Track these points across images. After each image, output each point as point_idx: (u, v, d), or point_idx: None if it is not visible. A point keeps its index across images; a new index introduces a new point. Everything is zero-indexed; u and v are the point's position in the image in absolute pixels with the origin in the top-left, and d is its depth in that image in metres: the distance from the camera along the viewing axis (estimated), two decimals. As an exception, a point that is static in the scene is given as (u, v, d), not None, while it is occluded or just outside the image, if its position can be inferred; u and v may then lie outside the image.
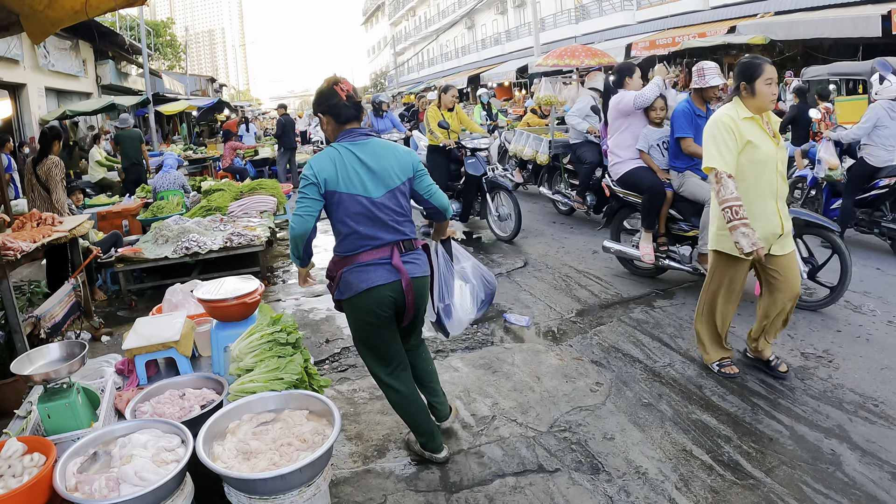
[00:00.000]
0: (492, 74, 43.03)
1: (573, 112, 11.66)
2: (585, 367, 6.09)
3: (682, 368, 5.99)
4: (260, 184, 12.52)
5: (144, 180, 15.68)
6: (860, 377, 5.69)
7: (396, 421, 5.21)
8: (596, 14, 38.73)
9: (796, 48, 23.20)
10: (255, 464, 3.59)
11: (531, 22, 37.56)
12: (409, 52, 79.53)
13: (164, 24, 57.47)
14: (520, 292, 8.46)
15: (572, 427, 5.03)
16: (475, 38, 60.28)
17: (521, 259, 9.95)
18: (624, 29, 34.59)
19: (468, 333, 7.10)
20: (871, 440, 4.70)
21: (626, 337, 6.77)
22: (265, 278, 9.38)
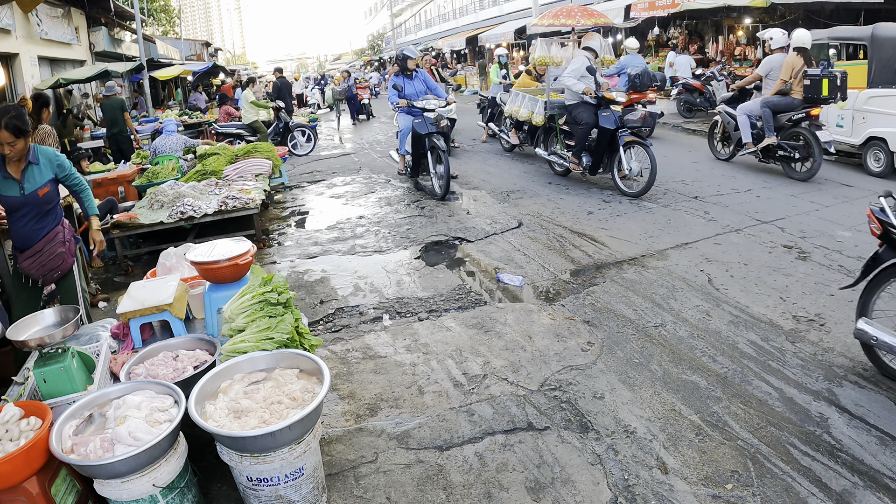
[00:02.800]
0: (489, 35, 42.72)
1: (568, 73, 11.59)
2: (577, 327, 6.13)
3: (673, 329, 6.02)
4: (255, 147, 12.49)
5: (130, 149, 15.65)
6: (851, 342, 5.68)
7: (389, 380, 5.30)
8: None
9: (797, 11, 23.00)
10: (246, 422, 3.63)
11: (531, -18, 37.24)
12: (406, 14, 78.90)
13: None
14: (514, 252, 8.48)
15: (562, 386, 5.07)
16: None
17: (515, 220, 9.95)
18: None
19: (461, 293, 7.15)
20: (859, 404, 4.75)
21: (619, 297, 6.80)
22: (260, 241, 9.42)
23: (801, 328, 6.00)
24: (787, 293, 6.78)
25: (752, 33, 24.52)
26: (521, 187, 12.06)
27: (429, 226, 9.91)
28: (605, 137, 11.18)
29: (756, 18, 24.01)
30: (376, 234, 9.62)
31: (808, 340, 5.75)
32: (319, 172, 15.47)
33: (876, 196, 5.07)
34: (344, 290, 7.44)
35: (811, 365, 5.34)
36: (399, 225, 10.05)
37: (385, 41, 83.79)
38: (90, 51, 24.87)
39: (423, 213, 10.67)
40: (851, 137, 12.94)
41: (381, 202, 11.78)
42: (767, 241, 8.40)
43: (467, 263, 8.26)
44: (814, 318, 6.19)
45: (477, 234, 9.30)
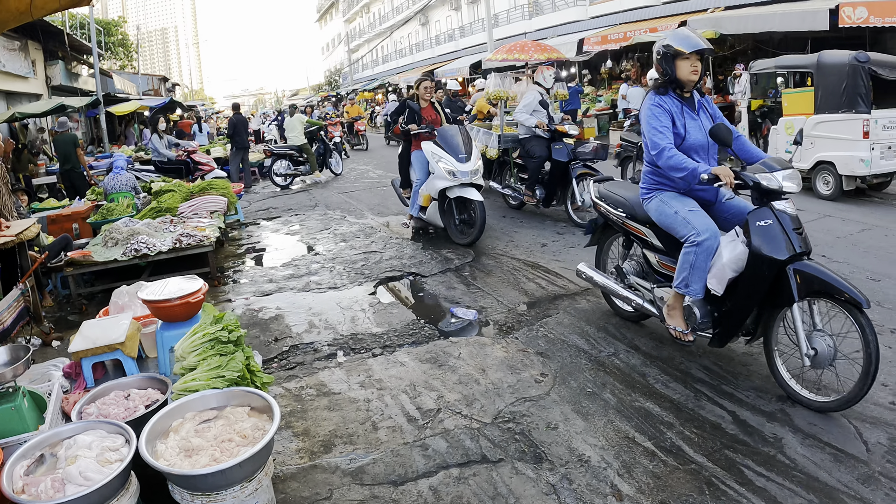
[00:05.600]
0: (445, 71, 42.89)
1: (521, 107, 11.81)
2: (531, 359, 6.17)
3: (626, 358, 6.08)
4: (210, 184, 12.47)
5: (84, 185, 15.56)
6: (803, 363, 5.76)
7: (343, 417, 5.28)
8: (549, 10, 38.77)
9: (746, 42, 23.45)
10: (196, 460, 3.63)
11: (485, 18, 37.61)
12: (363, 49, 79.24)
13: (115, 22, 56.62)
14: (468, 286, 8.54)
15: (516, 418, 5.08)
16: (429, 34, 60.03)
17: (469, 253, 10.02)
18: (576, 24, 34.61)
19: (415, 328, 7.16)
20: (812, 423, 4.81)
21: (572, 328, 6.85)
22: (215, 278, 9.37)
23: (754, 350, 6.07)
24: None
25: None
26: (484, 220, 12.12)
27: (383, 261, 9.94)
28: (559, 170, 11.38)
29: (706, 50, 24.16)
30: (331, 271, 9.63)
31: (760, 363, 5.81)
32: (275, 209, 15.45)
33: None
34: (298, 328, 7.42)
35: (764, 387, 5.41)
36: (354, 261, 10.06)
37: (342, 76, 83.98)
38: (47, 85, 24.80)
39: (377, 249, 10.68)
40: (801, 162, 13.16)
41: (337, 238, 11.78)
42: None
43: (421, 298, 8.30)
44: (764, 344, 6.27)
45: (431, 269, 9.36)
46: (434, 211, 10.92)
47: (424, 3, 53.71)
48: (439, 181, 10.39)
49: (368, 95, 56.47)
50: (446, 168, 10.23)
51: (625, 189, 6.58)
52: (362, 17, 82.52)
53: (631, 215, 6.27)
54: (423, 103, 11.33)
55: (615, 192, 6.57)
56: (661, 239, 5.97)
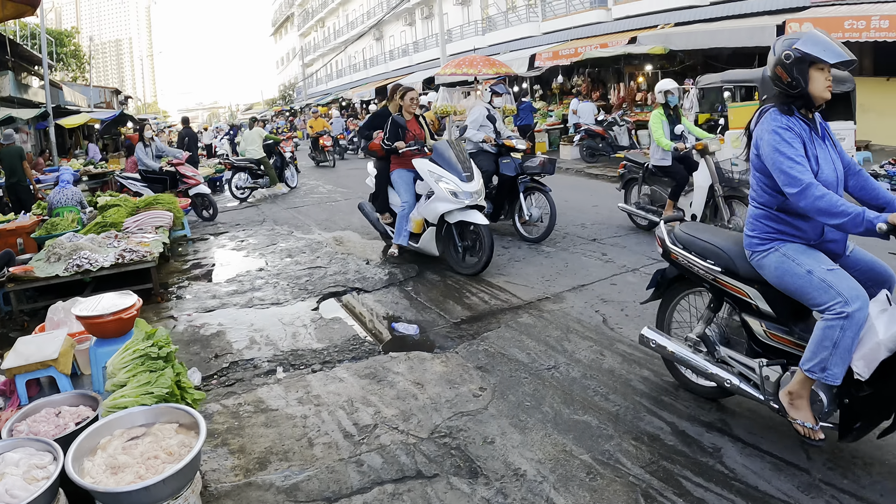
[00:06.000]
0: (398, 86, 42.94)
1: (468, 122, 11.82)
2: (470, 373, 6.15)
3: (566, 371, 6.08)
4: (157, 198, 12.34)
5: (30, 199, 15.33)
6: None
7: (280, 433, 5.22)
8: (502, 25, 39.27)
9: (696, 58, 23.76)
10: (122, 478, 3.60)
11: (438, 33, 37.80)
12: (317, 64, 79.15)
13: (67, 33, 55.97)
14: (410, 301, 8.53)
15: (453, 433, 5.06)
16: (383, 49, 60.37)
17: (414, 268, 10.01)
18: (529, 40, 35.12)
19: (356, 343, 7.13)
20: (752, 432, 4.85)
21: (513, 342, 6.85)
22: (158, 294, 9.25)
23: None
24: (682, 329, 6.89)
25: (653, 80, 25.08)
26: (423, 235, 12.08)
27: (327, 277, 9.87)
28: (506, 184, 11.31)
29: (657, 65, 24.58)
30: (275, 287, 9.55)
31: (702, 375, 5.86)
32: (223, 224, 15.34)
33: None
34: (239, 344, 7.34)
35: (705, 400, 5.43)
36: (298, 277, 10.00)
37: (296, 91, 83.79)
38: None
39: (322, 265, 10.62)
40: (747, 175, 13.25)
41: (283, 254, 11.70)
42: (664, 280, 8.61)
43: (364, 314, 8.25)
44: (710, 353, 6.32)
45: (375, 284, 9.32)
46: (430, 238, 9.85)
47: (379, 18, 53.74)
48: (441, 204, 9.38)
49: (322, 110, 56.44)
50: (448, 188, 9.24)
51: (715, 235, 5.18)
52: (317, 32, 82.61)
53: (728, 270, 4.91)
54: (407, 116, 10.43)
55: (702, 237, 5.17)
56: (772, 303, 4.70)
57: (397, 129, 10.14)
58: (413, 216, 10.13)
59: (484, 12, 42.76)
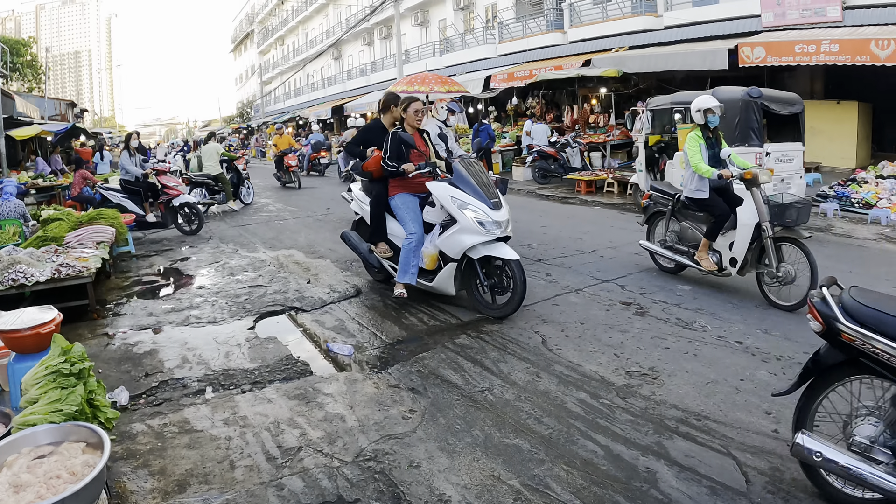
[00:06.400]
0: (355, 105, 43.12)
1: None
2: (401, 395, 6.03)
3: (500, 392, 5.98)
4: (100, 213, 12.11)
5: None
6: (684, 392, 5.85)
7: (202, 455, 5.07)
8: (459, 47, 39.59)
9: (650, 81, 23.99)
10: (23, 497, 3.49)
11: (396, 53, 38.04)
12: (276, 82, 79.01)
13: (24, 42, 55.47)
14: (348, 321, 8.40)
15: (378, 456, 4.93)
16: (342, 68, 60.57)
17: (354, 288, 9.89)
18: (486, 62, 35.44)
19: (288, 364, 6.98)
20: (690, 455, 4.78)
21: (448, 363, 6.75)
22: (94, 311, 9.03)
23: (634, 383, 6.10)
24: (622, 349, 6.94)
25: (607, 102, 25.28)
26: (364, 255, 11.96)
27: (267, 296, 9.71)
28: None
29: (610, 88, 24.76)
30: (213, 305, 9.37)
31: (639, 395, 5.83)
32: (168, 241, 15.06)
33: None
34: (171, 363, 7.16)
35: (641, 419, 5.38)
36: (237, 295, 9.82)
37: (254, 109, 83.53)
38: (-54, 105, 24.01)
39: (263, 283, 10.44)
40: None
41: (224, 272, 11.51)
42: (606, 300, 8.68)
43: (299, 333, 8.11)
44: (647, 373, 6.33)
45: (313, 304, 9.17)
46: (448, 276, 8.44)
47: (338, 38, 53.82)
48: (467, 236, 8.02)
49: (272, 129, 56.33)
50: (475, 217, 7.96)
51: None
52: (276, 50, 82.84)
53: None
54: (410, 131, 8.87)
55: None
56: None
57: (401, 146, 8.59)
58: (427, 250, 8.57)
59: (442, 33, 43.11)
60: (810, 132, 14.72)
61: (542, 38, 31.80)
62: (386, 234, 9.24)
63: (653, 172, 16.76)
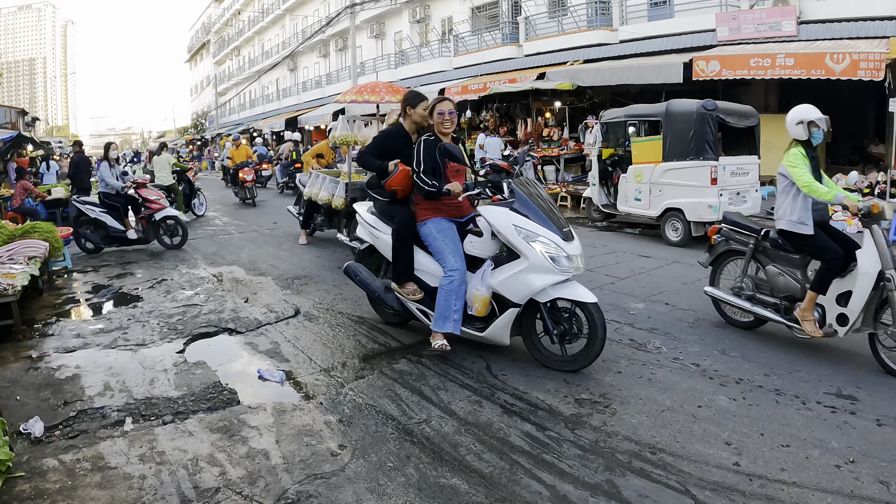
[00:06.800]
0: (309, 117, 42.92)
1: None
2: (332, 428, 5.62)
3: (438, 425, 5.59)
4: (34, 226, 11.64)
5: None
6: (638, 422, 5.52)
7: (112, 496, 4.64)
8: (415, 60, 39.76)
9: (604, 94, 24.11)
10: None
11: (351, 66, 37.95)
12: (231, 93, 78.62)
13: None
14: (283, 343, 7.97)
15: (301, 499, 4.51)
16: (297, 80, 60.55)
17: (293, 308, 9.46)
18: (441, 74, 35.54)
19: (215, 392, 6.54)
20: (644, 495, 4.45)
21: (385, 391, 6.36)
22: (20, 332, 8.55)
23: (584, 412, 5.74)
24: (572, 375, 6.58)
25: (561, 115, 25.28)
26: (309, 273, 11.64)
27: (201, 315, 9.25)
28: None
29: (565, 101, 24.77)
30: (144, 326, 8.88)
31: (589, 426, 5.48)
32: (108, 255, 14.52)
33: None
34: (93, 389, 6.70)
35: (591, 454, 5.02)
36: (171, 315, 9.34)
37: (209, 120, 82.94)
38: None
39: (199, 302, 9.98)
40: (650, 210, 13.51)
41: (161, 289, 11.00)
42: (557, 321, 8.24)
43: (231, 357, 7.68)
44: (598, 400, 5.98)
45: (249, 325, 8.73)
46: (505, 325, 6.87)
47: (293, 49, 53.72)
48: (537, 276, 6.59)
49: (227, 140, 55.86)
50: (546, 252, 6.53)
51: None
52: (232, 60, 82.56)
53: None
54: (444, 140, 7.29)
55: None
56: None
57: (436, 156, 7.13)
58: (477, 292, 6.90)
59: (397, 46, 43.17)
60: (765, 146, 14.71)
61: (498, 51, 32.14)
62: (413, 271, 7.48)
63: (606, 187, 16.60)
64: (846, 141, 21.47)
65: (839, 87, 17.42)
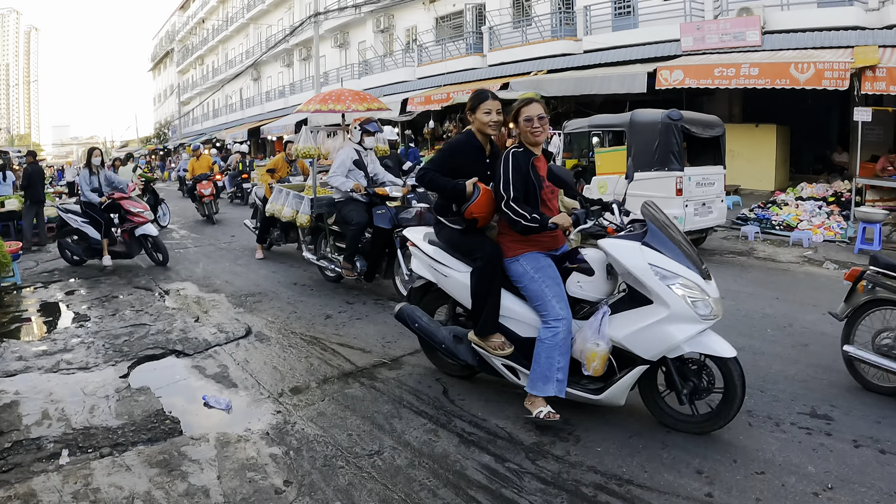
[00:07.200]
0: (272, 127, 42.69)
1: (334, 168, 10.41)
2: (277, 461, 5.24)
3: (391, 457, 5.24)
4: (-21, 241, 11.22)
5: None
6: (604, 450, 5.20)
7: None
8: (379, 70, 39.64)
9: (569, 104, 24.14)
10: None
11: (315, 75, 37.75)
12: (195, 102, 78.31)
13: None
14: (232, 367, 7.57)
15: (240, 543, 4.18)
16: (260, 89, 60.41)
17: (244, 327, 9.05)
18: (404, 84, 35.44)
19: (157, 420, 6.14)
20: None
21: (335, 419, 5.99)
22: (-44, 350, 8.16)
23: (546, 441, 5.40)
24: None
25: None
26: (263, 289, 11.24)
27: (148, 336, 8.81)
28: (382, 238, 9.91)
29: (530, 111, 24.71)
30: (89, 347, 8.44)
31: (552, 456, 5.14)
32: (60, 271, 14.02)
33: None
34: (31, 418, 6.31)
35: (554, 487, 4.71)
36: (118, 335, 8.89)
37: (171, 129, 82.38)
38: None
39: (147, 322, 9.52)
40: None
41: (110, 308, 10.51)
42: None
43: (176, 382, 7.27)
44: (561, 427, 5.61)
45: (197, 346, 8.31)
46: (626, 387, 5.55)
47: (256, 58, 53.55)
48: (676, 327, 5.30)
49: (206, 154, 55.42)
50: (690, 296, 5.31)
51: None
52: (196, 69, 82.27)
53: None
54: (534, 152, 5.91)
55: None
56: None
57: (529, 176, 5.73)
58: (589, 347, 5.39)
59: (361, 56, 43.04)
60: (729, 155, 14.68)
61: (461, 61, 32.10)
62: (498, 319, 6.01)
63: (571, 199, 16.33)
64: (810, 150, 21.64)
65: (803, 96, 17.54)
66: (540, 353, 5.54)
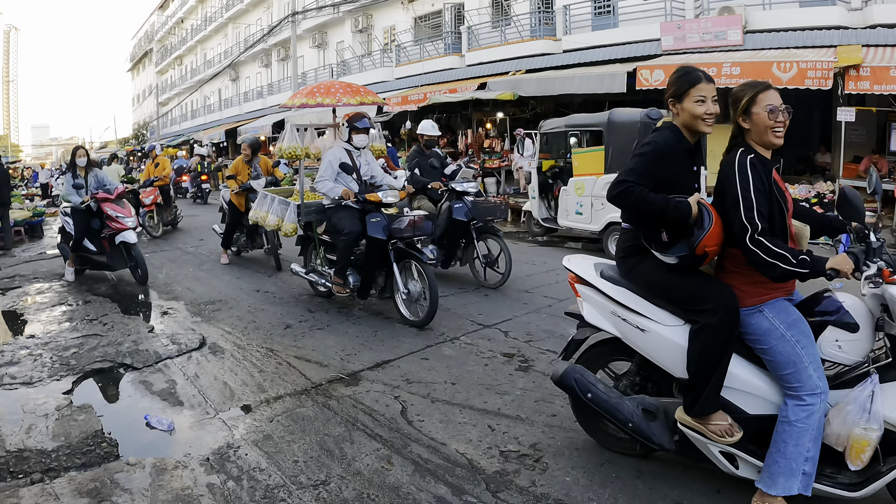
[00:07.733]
0: (249, 128, 42.30)
1: (320, 174, 9.41)
2: (214, 493, 4.79)
3: (338, 488, 4.79)
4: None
5: None
6: (573, 480, 4.75)
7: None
8: (357, 70, 39.46)
9: (548, 104, 24.07)
10: None
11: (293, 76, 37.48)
12: (173, 102, 77.99)
13: None
14: (181, 382, 7.14)
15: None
16: (239, 90, 60.19)
17: (199, 338, 8.63)
18: (382, 84, 35.17)
19: (95, 442, 5.68)
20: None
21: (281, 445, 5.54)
22: None
23: (510, 469, 4.96)
24: (499, 419, 5.82)
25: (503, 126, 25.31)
26: (225, 296, 10.85)
27: (99, 348, 8.34)
28: (376, 250, 8.90)
29: (507, 112, 24.71)
30: (35, 360, 7.98)
31: (515, 487, 4.69)
32: (22, 277, 13.53)
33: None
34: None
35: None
36: (68, 347, 8.43)
37: (150, 130, 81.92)
38: None
39: (100, 332, 9.06)
40: (592, 224, 13.25)
41: (64, 316, 10.07)
42: (486, 350, 7.59)
43: (120, 398, 6.89)
44: (527, 452, 5.20)
45: (147, 359, 7.86)
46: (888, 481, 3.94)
47: (235, 58, 53.32)
48: None
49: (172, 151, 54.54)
50: None
51: None
52: (174, 70, 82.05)
53: None
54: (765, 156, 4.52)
55: None
56: None
57: (774, 193, 4.27)
58: (861, 433, 3.89)
59: (339, 56, 42.96)
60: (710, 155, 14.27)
61: (440, 61, 32.04)
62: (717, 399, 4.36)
63: (547, 200, 16.10)
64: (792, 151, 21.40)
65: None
66: (786, 440, 4.01)
